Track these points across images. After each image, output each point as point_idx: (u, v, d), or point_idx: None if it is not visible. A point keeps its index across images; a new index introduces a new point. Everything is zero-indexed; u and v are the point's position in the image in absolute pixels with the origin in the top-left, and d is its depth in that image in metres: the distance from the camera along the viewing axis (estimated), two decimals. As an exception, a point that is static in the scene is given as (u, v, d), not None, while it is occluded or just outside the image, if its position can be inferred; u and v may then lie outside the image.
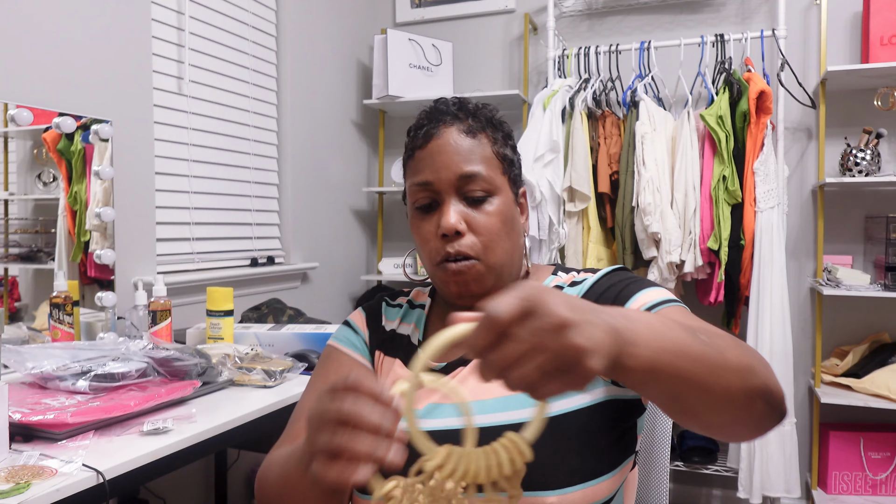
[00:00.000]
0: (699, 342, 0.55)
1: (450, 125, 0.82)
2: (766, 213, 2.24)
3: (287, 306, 2.09)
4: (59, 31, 1.64)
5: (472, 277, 0.80)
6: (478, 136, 0.82)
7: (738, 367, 0.56)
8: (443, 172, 0.80)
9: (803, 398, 2.58)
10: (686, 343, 0.53)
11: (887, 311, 2.48)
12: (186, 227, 2.14)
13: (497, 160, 0.83)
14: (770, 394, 0.59)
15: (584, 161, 2.37)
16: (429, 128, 0.83)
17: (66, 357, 1.25)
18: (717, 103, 2.25)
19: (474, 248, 0.80)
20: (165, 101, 2.03)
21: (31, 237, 1.59)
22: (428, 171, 0.81)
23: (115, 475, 0.97)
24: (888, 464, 2.33)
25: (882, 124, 2.45)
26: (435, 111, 0.85)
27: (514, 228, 0.83)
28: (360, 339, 0.92)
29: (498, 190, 0.82)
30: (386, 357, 0.89)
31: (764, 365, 0.60)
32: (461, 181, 0.80)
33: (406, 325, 0.91)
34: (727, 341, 0.59)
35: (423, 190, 0.82)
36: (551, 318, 0.44)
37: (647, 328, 0.52)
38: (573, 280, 0.85)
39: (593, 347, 0.45)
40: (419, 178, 0.82)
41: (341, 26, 2.92)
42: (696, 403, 0.55)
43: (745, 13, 2.65)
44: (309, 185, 2.71)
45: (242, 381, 1.44)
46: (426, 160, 0.82)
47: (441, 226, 0.79)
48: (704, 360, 0.54)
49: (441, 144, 0.81)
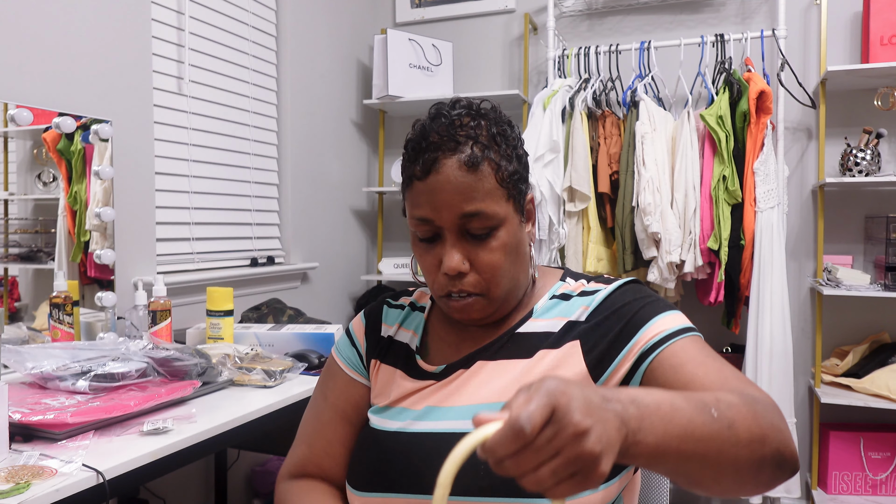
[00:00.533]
0: (708, 420, 0.56)
1: (450, 156, 0.76)
2: (766, 213, 2.24)
3: (287, 306, 2.09)
4: (59, 31, 1.64)
5: (475, 310, 0.80)
6: (480, 167, 0.76)
7: (749, 440, 0.57)
8: (444, 212, 0.76)
9: (803, 398, 2.58)
10: (694, 424, 0.54)
11: (887, 311, 2.48)
12: (186, 227, 2.14)
13: (501, 189, 0.77)
14: (781, 459, 0.60)
15: (584, 161, 2.37)
16: (427, 156, 0.77)
17: (66, 357, 1.25)
18: (717, 103, 2.25)
19: (478, 286, 0.79)
20: (165, 101, 2.03)
21: (31, 237, 1.59)
22: (428, 208, 0.77)
23: (115, 475, 0.97)
24: (888, 464, 2.33)
25: (882, 124, 2.45)
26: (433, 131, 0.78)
27: (520, 254, 0.81)
28: (355, 353, 0.92)
29: (502, 222, 0.78)
30: (383, 365, 0.89)
31: (776, 428, 0.60)
32: (463, 220, 0.77)
33: (405, 331, 0.91)
34: (740, 411, 0.58)
35: (425, 224, 0.79)
36: (571, 427, 0.45)
37: (654, 413, 0.53)
38: (583, 289, 0.84)
39: (606, 450, 0.47)
40: (418, 213, 0.78)
41: (341, 26, 2.92)
42: (702, 478, 0.57)
43: (745, 13, 2.65)
44: (309, 185, 2.71)
45: (242, 381, 1.44)
46: (426, 196, 0.77)
47: (444, 267, 0.78)
48: (712, 439, 0.55)
49: (441, 181, 0.76)
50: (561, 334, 0.79)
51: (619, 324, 0.77)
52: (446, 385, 0.81)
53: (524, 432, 0.44)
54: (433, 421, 0.78)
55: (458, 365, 0.82)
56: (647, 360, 0.73)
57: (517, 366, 0.79)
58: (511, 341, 0.82)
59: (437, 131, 0.77)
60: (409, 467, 0.77)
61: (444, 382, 0.82)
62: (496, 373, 0.80)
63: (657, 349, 0.72)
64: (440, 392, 0.81)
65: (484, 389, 0.79)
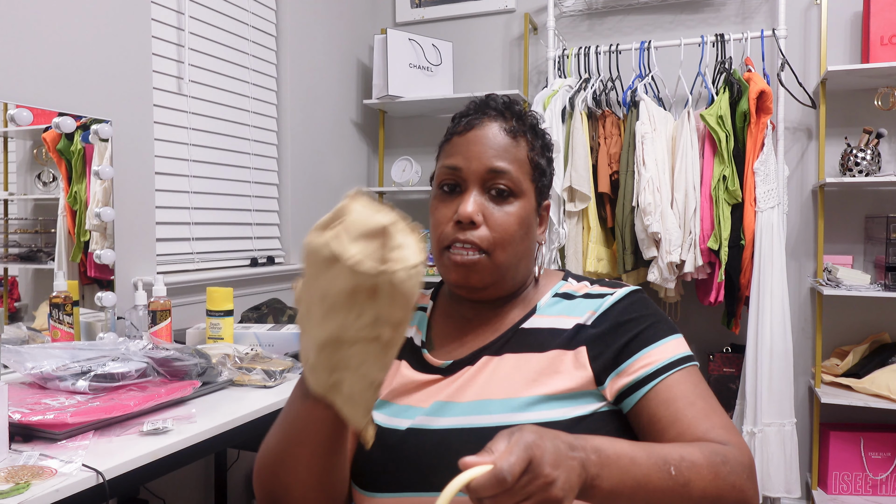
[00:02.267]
0: (664, 477, 0.63)
1: (493, 119, 0.83)
2: (767, 213, 2.23)
3: (287, 306, 2.09)
4: (59, 31, 1.64)
5: (474, 271, 0.80)
6: (517, 137, 0.83)
7: (700, 498, 0.64)
8: (474, 162, 0.81)
9: (803, 398, 2.58)
10: (648, 479, 0.62)
11: (887, 311, 2.48)
12: (186, 227, 2.14)
13: (529, 166, 0.83)
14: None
15: (584, 161, 2.37)
16: (472, 118, 0.84)
17: (65, 357, 1.25)
18: (717, 103, 2.25)
19: (485, 241, 0.80)
20: (165, 101, 2.03)
21: (30, 237, 1.59)
22: (460, 157, 0.82)
23: (114, 475, 0.96)
24: (888, 464, 2.33)
25: (882, 124, 2.45)
26: (483, 104, 0.86)
27: (529, 234, 0.84)
28: None
29: (522, 193, 0.82)
30: None
31: (737, 489, 0.67)
32: (489, 174, 0.81)
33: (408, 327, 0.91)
34: (700, 472, 0.65)
35: (451, 173, 0.82)
36: (542, 477, 0.55)
37: (614, 463, 0.61)
38: (587, 291, 0.86)
39: (567, 494, 0.56)
40: (450, 161, 0.83)
41: (341, 26, 2.92)
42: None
43: (745, 13, 2.65)
44: (309, 185, 2.71)
45: (242, 381, 1.44)
46: (461, 146, 0.83)
47: (458, 212, 0.80)
48: (664, 493, 0.63)
49: (479, 135, 0.82)
50: (572, 335, 0.81)
51: (624, 338, 0.79)
52: (454, 381, 0.81)
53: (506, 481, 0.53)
54: (443, 417, 0.78)
55: (464, 361, 0.83)
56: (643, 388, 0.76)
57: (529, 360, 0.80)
58: (515, 337, 0.83)
59: (488, 104, 0.85)
60: (419, 466, 0.76)
61: (452, 379, 0.82)
62: (502, 368, 0.80)
63: (654, 380, 0.76)
64: (448, 388, 0.81)
65: (491, 385, 0.79)
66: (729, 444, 0.70)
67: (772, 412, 2.22)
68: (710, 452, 0.67)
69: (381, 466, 0.79)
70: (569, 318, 0.82)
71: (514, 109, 0.86)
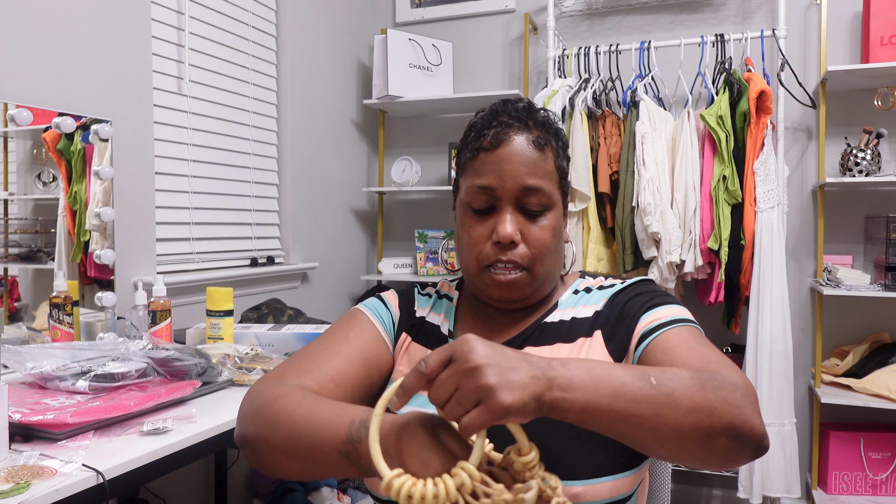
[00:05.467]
0: (644, 386, 0.59)
1: (520, 133, 0.82)
2: (766, 213, 2.24)
3: (287, 306, 2.09)
4: (58, 31, 1.64)
5: (516, 287, 0.83)
6: (545, 148, 0.83)
7: (691, 409, 0.59)
8: (508, 181, 0.81)
9: (803, 398, 2.58)
10: (626, 387, 0.58)
11: (887, 311, 2.48)
12: (186, 227, 2.14)
13: (556, 174, 0.85)
14: (737, 433, 0.60)
15: (584, 161, 2.37)
16: (499, 130, 0.82)
17: (65, 357, 1.25)
18: (717, 103, 2.25)
19: (525, 258, 0.82)
20: (165, 101, 2.03)
21: (30, 237, 1.59)
22: (492, 177, 0.81)
23: (115, 475, 0.96)
24: (888, 464, 2.33)
25: (882, 124, 2.45)
26: (504, 113, 0.84)
27: (560, 243, 0.87)
28: (389, 316, 0.92)
29: (554, 204, 0.84)
30: (413, 343, 0.90)
31: (730, 403, 0.60)
32: (523, 193, 0.81)
33: (436, 315, 0.93)
34: (684, 382, 0.60)
35: (484, 194, 0.82)
36: (464, 364, 0.55)
37: (585, 374, 0.58)
38: (601, 284, 0.90)
39: (504, 386, 0.54)
40: (482, 182, 0.82)
41: (341, 26, 2.92)
42: (643, 439, 0.60)
43: (745, 13, 2.65)
44: (309, 185, 2.71)
45: (242, 381, 1.44)
46: (492, 164, 0.81)
47: (498, 233, 0.81)
48: (647, 402, 0.58)
49: (510, 152, 0.81)
50: (591, 322, 0.84)
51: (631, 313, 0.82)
52: None
53: (420, 373, 0.56)
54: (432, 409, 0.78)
55: None
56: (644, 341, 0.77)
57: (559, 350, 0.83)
58: (539, 331, 0.86)
59: (509, 113, 0.84)
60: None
61: None
62: None
63: (655, 333, 0.77)
64: None
65: None
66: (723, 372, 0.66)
67: (772, 412, 2.22)
68: (696, 370, 0.63)
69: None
70: (588, 308, 0.86)
71: (537, 117, 0.85)
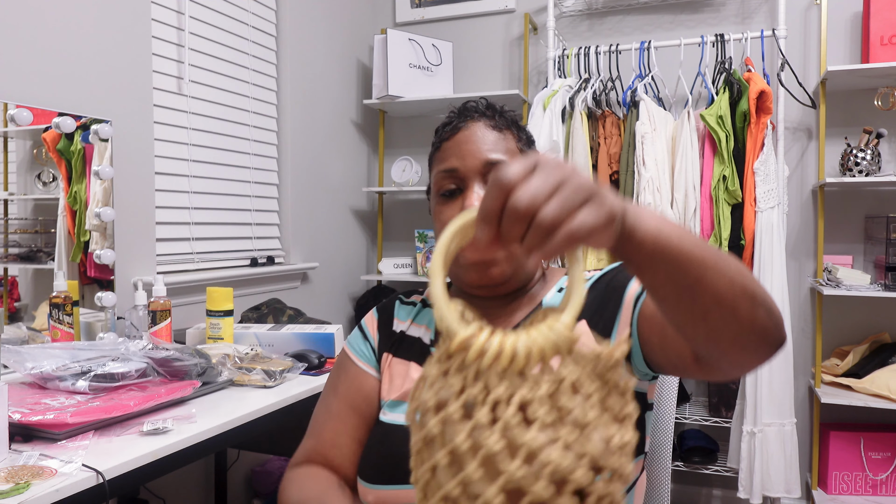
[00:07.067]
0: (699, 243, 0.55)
1: (477, 120, 0.85)
2: (766, 213, 2.24)
3: (287, 306, 2.09)
4: (58, 31, 1.64)
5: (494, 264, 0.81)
6: (503, 131, 0.85)
7: (737, 270, 0.56)
8: (469, 159, 0.82)
9: (803, 398, 2.58)
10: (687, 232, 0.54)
11: (887, 311, 2.48)
12: (186, 227, 2.14)
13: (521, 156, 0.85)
14: (770, 306, 0.57)
15: (584, 161, 2.37)
16: (457, 122, 0.86)
17: (65, 357, 1.25)
18: (717, 103, 2.25)
19: None
20: (165, 101, 2.03)
21: (30, 237, 1.59)
22: (454, 159, 0.84)
23: (114, 475, 0.96)
24: (888, 464, 2.33)
25: (882, 124, 2.44)
26: (463, 109, 0.88)
27: None
28: (368, 346, 0.93)
29: None
30: (395, 359, 0.90)
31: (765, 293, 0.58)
32: (486, 168, 0.82)
33: (417, 327, 0.92)
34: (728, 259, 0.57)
35: (449, 177, 0.84)
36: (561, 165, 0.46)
37: (649, 212, 0.53)
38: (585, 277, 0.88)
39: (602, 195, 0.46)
40: (445, 166, 0.84)
41: (341, 26, 2.92)
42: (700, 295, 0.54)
43: (745, 13, 2.65)
44: (309, 185, 2.71)
45: (242, 382, 1.44)
46: (453, 149, 0.84)
47: (464, 208, 0.81)
48: (706, 248, 0.54)
49: (468, 135, 0.84)
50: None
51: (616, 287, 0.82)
52: None
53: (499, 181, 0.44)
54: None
55: None
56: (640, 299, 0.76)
57: None
58: None
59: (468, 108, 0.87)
60: None
61: None
62: None
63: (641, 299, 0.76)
64: None
65: None
66: None
67: (772, 412, 2.22)
68: None
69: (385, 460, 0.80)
70: None
71: (495, 108, 0.89)
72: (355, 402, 0.90)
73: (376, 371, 0.91)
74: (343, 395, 0.91)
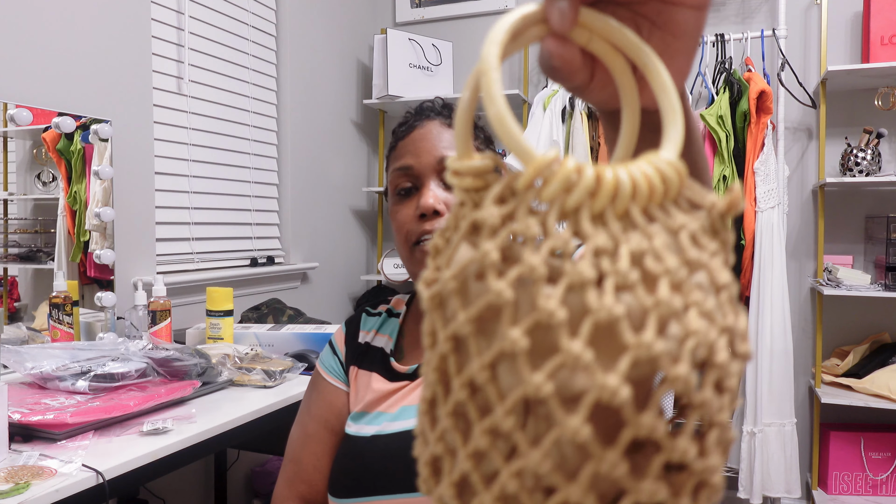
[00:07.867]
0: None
1: (433, 119, 0.85)
2: (767, 213, 2.24)
3: (287, 306, 2.09)
4: (58, 31, 1.64)
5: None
6: None
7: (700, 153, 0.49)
8: (423, 157, 0.82)
9: (804, 398, 2.58)
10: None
11: (888, 311, 2.48)
12: (186, 227, 2.14)
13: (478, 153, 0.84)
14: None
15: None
16: (412, 121, 0.86)
17: (65, 357, 1.25)
18: (717, 103, 2.25)
19: None
20: (165, 101, 2.03)
21: (30, 237, 1.59)
22: (409, 157, 0.83)
23: (114, 475, 0.96)
24: (889, 464, 2.33)
25: (882, 124, 2.44)
26: (420, 108, 0.88)
27: None
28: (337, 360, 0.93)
29: None
30: (360, 370, 0.89)
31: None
32: (441, 165, 0.81)
33: (381, 336, 0.91)
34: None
35: (404, 175, 0.83)
36: None
37: None
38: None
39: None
40: (400, 164, 0.83)
41: (341, 26, 2.92)
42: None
43: (745, 13, 2.65)
44: (309, 185, 2.70)
45: (242, 382, 1.44)
46: (408, 147, 0.83)
47: (420, 206, 0.80)
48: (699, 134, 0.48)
49: (423, 133, 0.83)
50: None
51: None
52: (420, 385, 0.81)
53: None
54: (406, 420, 0.79)
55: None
56: None
57: None
58: None
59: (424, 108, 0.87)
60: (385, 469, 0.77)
61: (418, 382, 0.82)
62: None
63: None
64: (414, 392, 0.81)
65: None
66: None
67: (772, 412, 2.22)
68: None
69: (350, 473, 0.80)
70: None
71: (451, 107, 0.88)
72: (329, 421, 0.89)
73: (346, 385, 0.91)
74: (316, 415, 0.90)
